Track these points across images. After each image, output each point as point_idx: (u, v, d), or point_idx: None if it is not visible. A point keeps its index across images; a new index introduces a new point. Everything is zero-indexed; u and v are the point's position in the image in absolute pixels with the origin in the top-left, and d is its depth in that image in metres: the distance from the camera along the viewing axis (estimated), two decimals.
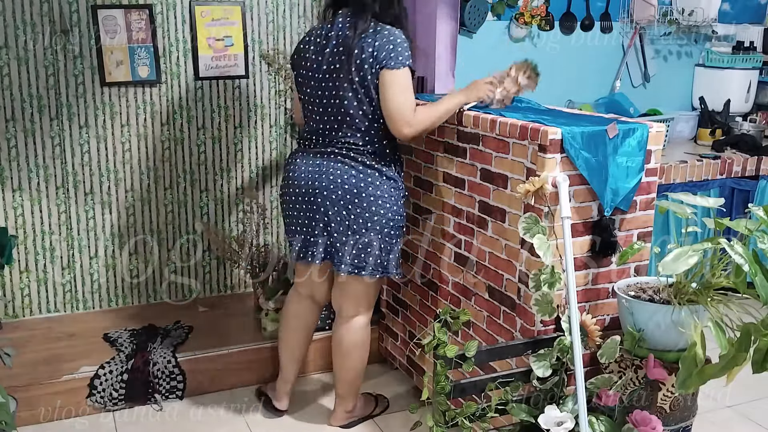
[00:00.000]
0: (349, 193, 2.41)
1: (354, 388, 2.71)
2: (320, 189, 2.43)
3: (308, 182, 2.46)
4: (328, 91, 2.41)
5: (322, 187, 2.43)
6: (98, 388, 2.81)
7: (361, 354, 2.65)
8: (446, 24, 3.07)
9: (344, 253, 2.45)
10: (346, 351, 2.63)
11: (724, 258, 2.01)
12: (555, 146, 2.13)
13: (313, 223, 2.48)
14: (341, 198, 2.41)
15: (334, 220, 2.44)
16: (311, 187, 2.46)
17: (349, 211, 2.42)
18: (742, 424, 2.81)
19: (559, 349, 2.15)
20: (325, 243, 2.49)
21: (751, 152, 3.68)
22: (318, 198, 2.44)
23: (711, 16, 3.99)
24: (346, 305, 2.60)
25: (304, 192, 2.48)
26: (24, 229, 3.23)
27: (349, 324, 2.61)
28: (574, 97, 3.92)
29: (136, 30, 3.19)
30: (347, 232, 2.43)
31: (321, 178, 2.44)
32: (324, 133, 2.47)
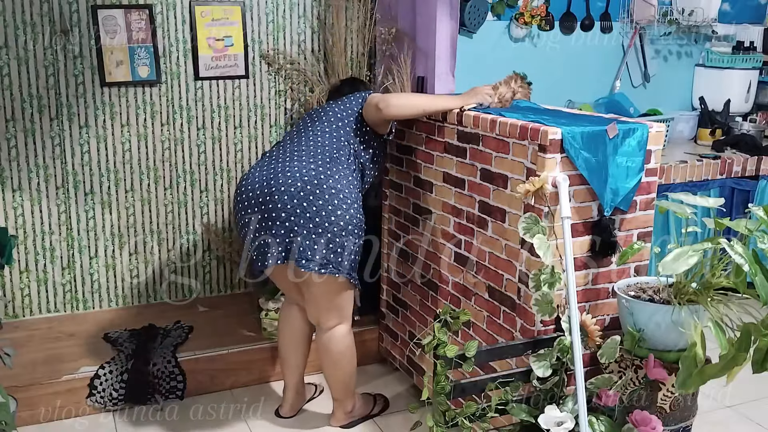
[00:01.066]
0: (309, 184, 2.35)
1: (349, 389, 2.70)
2: (277, 187, 2.36)
3: (263, 184, 2.39)
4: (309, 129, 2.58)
5: (279, 185, 2.36)
6: (98, 388, 2.81)
7: (349, 359, 2.62)
8: (446, 24, 3.07)
9: (305, 248, 2.34)
10: (333, 360, 2.60)
11: (724, 258, 2.01)
12: (555, 146, 2.13)
13: (273, 223, 2.36)
14: (301, 190, 2.35)
15: (293, 213, 2.34)
16: (267, 187, 2.38)
17: (310, 202, 2.34)
18: (742, 424, 2.81)
19: (559, 349, 2.15)
20: (285, 242, 2.35)
21: (751, 152, 3.68)
22: (275, 196, 2.36)
23: (711, 16, 3.99)
24: (323, 317, 2.55)
25: (258, 194, 2.39)
26: (24, 229, 3.23)
27: (330, 335, 2.56)
28: (574, 97, 3.92)
29: (136, 30, 3.19)
30: (309, 225, 2.34)
31: (277, 177, 2.38)
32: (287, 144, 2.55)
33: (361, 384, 3.07)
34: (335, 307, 2.52)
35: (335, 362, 2.60)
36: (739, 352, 1.79)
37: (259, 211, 2.39)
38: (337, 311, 2.54)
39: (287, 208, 2.34)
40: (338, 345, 2.57)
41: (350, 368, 2.65)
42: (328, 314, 2.53)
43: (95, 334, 3.12)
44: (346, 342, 2.59)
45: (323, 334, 2.57)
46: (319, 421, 2.80)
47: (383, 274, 3.13)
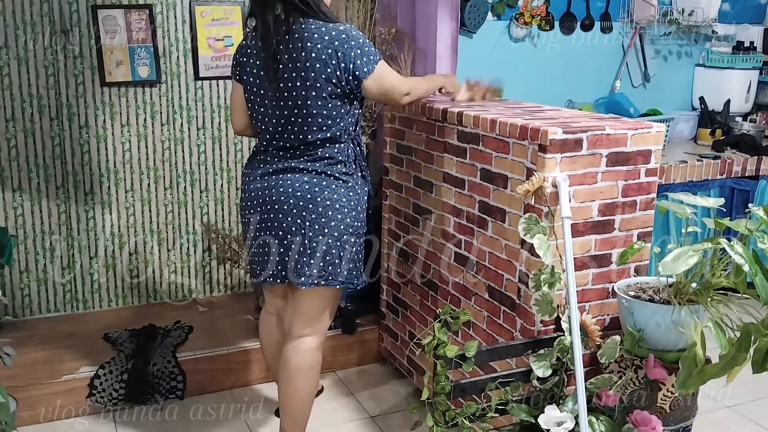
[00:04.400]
0: (302, 199, 2.24)
1: (299, 423, 2.42)
2: (272, 204, 2.27)
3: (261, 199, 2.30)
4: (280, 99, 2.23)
5: (273, 201, 2.27)
6: (98, 388, 2.81)
7: (308, 383, 2.36)
8: (446, 24, 3.07)
9: (302, 264, 2.25)
10: (290, 376, 2.35)
11: (724, 258, 2.01)
12: (555, 146, 2.13)
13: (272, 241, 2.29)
14: (294, 207, 2.24)
15: (289, 231, 2.25)
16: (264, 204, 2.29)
17: (304, 218, 2.23)
18: (742, 424, 2.81)
19: (559, 349, 2.15)
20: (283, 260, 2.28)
21: (751, 152, 3.68)
22: (270, 213, 2.28)
23: (711, 16, 3.99)
24: (297, 323, 2.36)
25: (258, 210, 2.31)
26: (24, 229, 3.23)
27: (296, 344, 2.35)
28: (574, 97, 3.92)
29: (136, 30, 3.19)
30: (304, 241, 2.24)
31: (272, 193, 2.27)
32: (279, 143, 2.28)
33: (361, 384, 3.07)
34: (312, 316, 2.35)
35: (290, 378, 2.35)
36: (739, 352, 1.79)
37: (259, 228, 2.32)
38: (312, 321, 2.36)
39: (283, 226, 2.26)
40: (300, 358, 2.34)
41: (306, 394, 2.38)
42: (301, 321, 2.35)
43: (95, 334, 3.12)
44: (309, 358, 2.35)
45: (289, 342, 2.37)
46: (319, 420, 2.80)
47: (383, 274, 3.14)
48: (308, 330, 2.36)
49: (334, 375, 3.14)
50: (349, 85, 2.19)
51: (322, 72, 2.15)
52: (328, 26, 2.16)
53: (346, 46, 2.15)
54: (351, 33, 2.17)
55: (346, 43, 2.15)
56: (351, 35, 2.16)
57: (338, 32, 2.16)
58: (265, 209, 2.28)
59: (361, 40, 2.17)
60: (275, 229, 2.28)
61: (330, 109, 2.21)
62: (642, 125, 2.30)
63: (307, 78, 2.16)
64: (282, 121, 2.24)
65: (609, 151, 2.23)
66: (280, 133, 2.26)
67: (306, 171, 2.26)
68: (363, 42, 2.18)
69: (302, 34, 2.14)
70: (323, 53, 2.14)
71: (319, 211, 2.24)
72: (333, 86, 2.18)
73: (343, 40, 2.15)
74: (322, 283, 2.28)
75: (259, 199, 2.30)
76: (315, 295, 2.33)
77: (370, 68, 2.18)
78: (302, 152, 2.26)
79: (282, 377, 2.39)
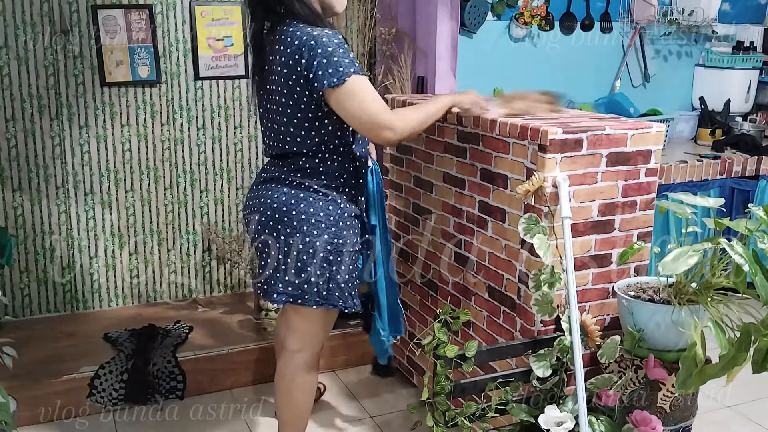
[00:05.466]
0: (278, 212, 2.11)
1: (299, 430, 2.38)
2: (253, 215, 2.19)
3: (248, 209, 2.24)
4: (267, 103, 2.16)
5: (254, 212, 2.19)
6: (98, 388, 2.81)
7: (303, 396, 2.31)
8: (446, 24, 3.07)
9: (276, 280, 2.14)
10: (286, 389, 2.31)
11: (724, 258, 2.01)
12: (555, 146, 2.13)
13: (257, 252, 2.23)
14: (270, 219, 2.13)
15: (266, 244, 2.15)
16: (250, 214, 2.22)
17: (279, 232, 2.11)
18: (742, 424, 2.81)
19: (559, 349, 2.15)
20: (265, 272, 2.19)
21: (751, 152, 3.68)
22: (251, 225, 2.20)
23: (711, 16, 3.99)
24: (289, 338, 2.29)
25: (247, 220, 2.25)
26: (24, 229, 3.23)
27: (291, 359, 2.28)
28: (574, 97, 3.92)
29: (136, 30, 3.19)
30: (278, 257, 2.12)
31: (254, 204, 2.19)
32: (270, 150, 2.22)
33: (361, 384, 3.07)
34: (304, 332, 2.26)
35: (286, 391, 2.31)
36: (739, 352, 1.79)
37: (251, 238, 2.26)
38: (304, 337, 2.27)
39: (261, 238, 2.16)
40: (294, 373, 2.28)
41: (302, 407, 2.33)
42: (293, 336, 2.28)
43: (95, 334, 3.12)
44: (302, 374, 2.29)
45: (284, 354, 2.32)
46: (319, 419, 2.80)
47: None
48: (298, 344, 2.27)
49: (334, 375, 3.14)
50: (312, 96, 2.01)
51: (290, 77, 2.01)
52: (303, 31, 1.99)
53: (312, 53, 1.95)
54: (321, 40, 1.96)
55: (312, 50, 1.95)
56: (320, 42, 1.96)
57: (308, 37, 1.97)
58: (251, 219, 2.21)
59: (330, 49, 1.95)
60: (256, 240, 2.19)
61: (301, 119, 2.06)
62: (642, 125, 2.30)
63: (280, 83, 2.04)
64: (268, 126, 2.18)
65: (609, 151, 2.23)
66: (268, 140, 2.20)
67: (286, 182, 2.14)
68: (333, 51, 1.96)
69: (281, 37, 2.02)
70: (291, 58, 1.99)
71: (294, 225, 2.10)
72: (299, 93, 2.02)
73: (310, 46, 1.96)
74: (294, 302, 2.15)
75: (250, 208, 2.23)
76: (298, 313, 2.23)
77: (334, 81, 1.95)
78: (288, 162, 2.16)
79: (278, 388, 2.34)
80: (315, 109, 2.05)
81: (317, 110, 2.05)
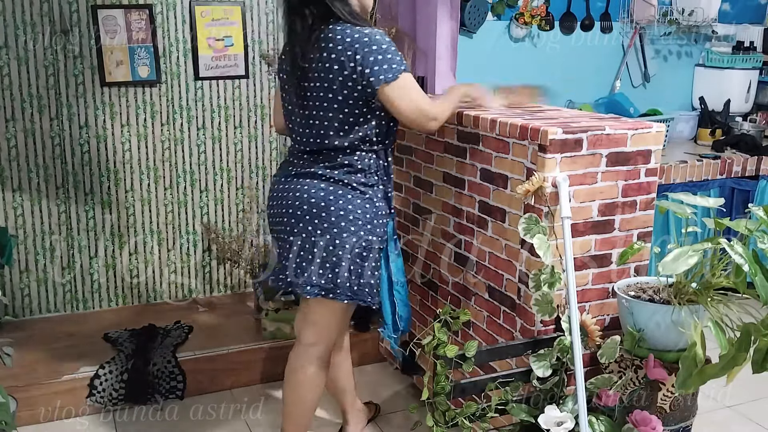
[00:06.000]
0: (315, 207, 2.16)
1: (303, 426, 2.39)
2: (287, 208, 2.22)
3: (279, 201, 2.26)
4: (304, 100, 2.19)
5: (288, 206, 2.22)
6: (98, 388, 2.81)
7: (313, 390, 2.34)
8: (446, 24, 3.07)
9: (310, 273, 2.18)
10: (296, 382, 2.33)
11: (724, 258, 2.01)
12: (555, 146, 2.13)
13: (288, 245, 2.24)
14: (306, 213, 2.18)
15: (300, 237, 2.19)
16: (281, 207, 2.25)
17: (315, 226, 2.17)
18: (742, 424, 2.81)
19: (559, 349, 2.15)
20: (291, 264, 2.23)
21: (751, 152, 3.68)
22: (284, 218, 2.23)
23: (711, 16, 3.99)
24: (306, 331, 2.32)
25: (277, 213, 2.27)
26: (24, 229, 3.23)
27: (306, 352, 2.32)
28: (574, 97, 3.92)
29: (136, 30, 3.19)
30: (313, 250, 2.17)
31: (288, 197, 2.22)
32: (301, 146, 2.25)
33: (361, 384, 3.07)
34: (321, 326, 2.31)
35: (298, 384, 2.34)
36: (739, 352, 1.79)
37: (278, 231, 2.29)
38: (321, 331, 2.31)
39: (294, 232, 2.21)
40: (306, 366, 2.32)
41: (310, 401, 2.35)
42: (309, 329, 2.32)
43: (95, 334, 3.12)
44: (313, 367, 2.32)
45: (298, 348, 2.35)
46: (319, 422, 2.80)
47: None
48: (316, 339, 2.31)
49: None
50: (364, 92, 2.10)
51: (340, 74, 2.08)
52: (353, 29, 2.08)
53: (366, 50, 2.05)
54: (374, 37, 2.08)
55: (366, 46, 2.05)
56: (374, 39, 2.07)
57: (361, 35, 2.07)
58: (281, 212, 2.24)
59: (384, 46, 2.07)
60: (287, 233, 2.23)
61: (347, 114, 2.13)
62: (642, 125, 2.30)
63: (326, 80, 2.10)
64: (304, 122, 2.20)
65: (609, 151, 2.23)
66: (302, 136, 2.22)
67: (324, 178, 2.19)
68: (387, 48, 2.07)
69: (327, 35, 2.09)
70: (342, 55, 2.06)
71: (332, 221, 2.15)
72: (349, 89, 2.10)
73: (364, 44, 2.06)
74: (326, 296, 2.19)
75: (279, 201, 2.26)
76: (324, 306, 2.26)
77: (389, 76, 2.06)
78: (323, 158, 2.20)
79: (289, 382, 2.35)
80: (362, 105, 2.13)
81: (364, 106, 2.14)
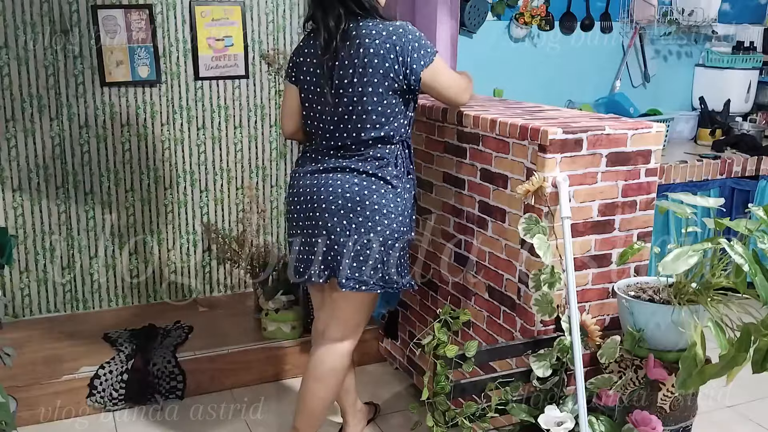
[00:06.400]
0: (351, 201, 2.22)
1: (316, 424, 2.42)
2: (319, 202, 2.26)
3: (309, 196, 2.29)
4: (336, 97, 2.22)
5: (321, 200, 2.25)
6: (98, 388, 2.81)
7: (335, 384, 2.38)
8: (446, 24, 3.07)
9: (345, 266, 2.23)
10: (320, 376, 2.35)
11: (724, 258, 2.01)
12: (555, 146, 2.13)
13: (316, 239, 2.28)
14: (341, 208, 2.23)
15: (334, 231, 2.23)
16: (311, 202, 2.28)
17: (350, 220, 2.22)
18: (742, 424, 2.81)
19: (559, 349, 2.15)
20: (327, 259, 2.27)
21: (751, 152, 3.68)
22: (317, 212, 2.26)
23: (711, 16, 3.99)
24: (333, 326, 2.35)
25: (305, 207, 2.30)
26: (24, 229, 3.23)
27: (333, 347, 2.35)
28: (574, 97, 3.92)
29: (136, 30, 3.19)
30: (348, 243, 2.23)
31: (320, 191, 2.26)
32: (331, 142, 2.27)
33: (361, 384, 3.07)
34: (349, 320, 2.35)
35: (320, 378, 2.36)
36: (739, 352, 1.79)
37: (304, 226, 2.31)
38: (349, 325, 2.35)
39: (328, 226, 2.24)
40: (334, 361, 2.35)
41: (331, 395, 2.39)
42: (337, 324, 2.35)
43: (95, 334, 3.12)
44: (342, 362, 2.37)
45: (323, 344, 2.37)
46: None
47: None
48: (343, 333, 2.35)
49: None
50: (406, 79, 2.20)
51: (380, 67, 2.16)
52: (385, 23, 2.21)
53: (404, 40, 2.18)
54: (408, 27, 2.21)
55: (403, 36, 2.18)
56: (408, 29, 2.21)
57: (395, 27, 2.20)
58: (312, 207, 2.27)
59: (417, 34, 2.21)
60: (321, 228, 2.26)
61: (385, 106, 2.20)
62: (642, 125, 2.30)
63: (365, 74, 2.17)
64: (336, 119, 2.23)
65: (609, 151, 2.23)
66: (332, 132, 2.25)
67: (356, 171, 2.25)
68: (419, 36, 2.22)
69: (360, 32, 2.18)
70: (381, 48, 2.16)
71: (367, 215, 2.22)
72: (391, 80, 2.18)
73: (400, 35, 2.18)
74: (363, 288, 2.24)
75: (306, 196, 2.29)
76: (353, 300, 2.30)
77: (427, 60, 2.20)
78: (354, 152, 2.25)
79: (311, 376, 2.37)
80: (400, 95, 2.22)
81: (401, 96, 2.23)
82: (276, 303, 3.08)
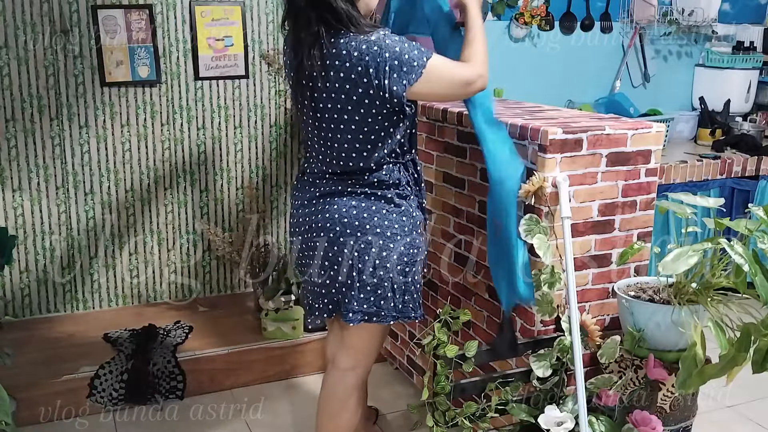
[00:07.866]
0: (349, 227, 2.00)
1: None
2: (317, 231, 2.05)
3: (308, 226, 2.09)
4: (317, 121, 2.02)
5: (318, 229, 2.04)
6: (98, 388, 2.81)
7: (351, 418, 2.20)
8: None
9: (350, 299, 2.03)
10: (334, 411, 2.19)
11: (724, 258, 2.01)
12: (555, 146, 2.13)
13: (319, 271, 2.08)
14: (340, 235, 2.01)
15: (335, 261, 2.03)
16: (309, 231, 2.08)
17: (351, 248, 2.00)
18: (742, 424, 2.81)
19: (559, 349, 2.15)
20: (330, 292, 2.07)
21: (751, 152, 3.68)
22: (316, 242, 2.06)
23: (711, 16, 4.00)
24: (342, 355, 2.18)
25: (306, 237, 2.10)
26: (24, 229, 3.23)
27: (344, 378, 2.18)
28: (574, 97, 3.92)
29: (136, 30, 3.19)
30: (352, 274, 2.01)
31: (317, 219, 2.05)
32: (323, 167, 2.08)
33: None
34: (360, 350, 2.17)
35: (335, 414, 2.20)
36: (739, 352, 1.79)
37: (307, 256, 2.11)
38: (359, 356, 2.18)
39: (329, 256, 2.03)
40: (346, 393, 2.18)
41: (347, 428, 2.21)
42: (347, 354, 2.17)
43: (95, 334, 3.12)
44: (355, 395, 2.20)
45: (334, 374, 2.21)
46: None
47: None
48: (353, 363, 2.18)
49: None
50: (387, 103, 1.92)
51: (354, 93, 1.90)
52: (358, 39, 1.87)
53: (379, 60, 1.86)
54: (384, 43, 1.87)
55: (378, 56, 1.86)
56: (384, 46, 1.87)
57: (369, 45, 1.87)
58: (311, 236, 2.07)
59: (397, 49, 1.87)
60: (320, 258, 2.06)
61: (367, 133, 1.96)
62: (642, 125, 2.30)
63: (338, 100, 1.93)
64: (321, 143, 2.03)
65: (609, 151, 2.23)
66: (322, 156, 2.06)
67: (354, 194, 2.03)
68: (400, 51, 1.88)
69: (331, 51, 1.89)
70: (353, 72, 1.88)
71: (369, 240, 2.00)
72: (367, 107, 1.92)
73: (374, 54, 1.86)
74: (369, 320, 2.05)
75: (306, 225, 2.09)
76: (365, 330, 2.12)
77: (412, 77, 1.89)
78: (348, 177, 2.05)
79: (323, 412, 2.22)
80: (384, 119, 1.96)
81: (386, 119, 1.96)
82: (276, 303, 3.08)
